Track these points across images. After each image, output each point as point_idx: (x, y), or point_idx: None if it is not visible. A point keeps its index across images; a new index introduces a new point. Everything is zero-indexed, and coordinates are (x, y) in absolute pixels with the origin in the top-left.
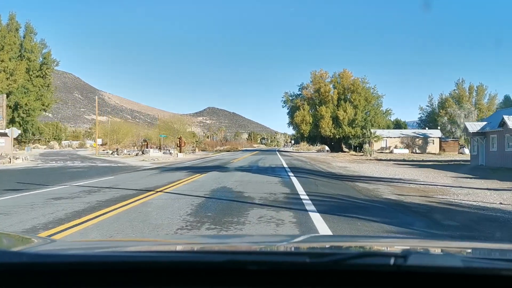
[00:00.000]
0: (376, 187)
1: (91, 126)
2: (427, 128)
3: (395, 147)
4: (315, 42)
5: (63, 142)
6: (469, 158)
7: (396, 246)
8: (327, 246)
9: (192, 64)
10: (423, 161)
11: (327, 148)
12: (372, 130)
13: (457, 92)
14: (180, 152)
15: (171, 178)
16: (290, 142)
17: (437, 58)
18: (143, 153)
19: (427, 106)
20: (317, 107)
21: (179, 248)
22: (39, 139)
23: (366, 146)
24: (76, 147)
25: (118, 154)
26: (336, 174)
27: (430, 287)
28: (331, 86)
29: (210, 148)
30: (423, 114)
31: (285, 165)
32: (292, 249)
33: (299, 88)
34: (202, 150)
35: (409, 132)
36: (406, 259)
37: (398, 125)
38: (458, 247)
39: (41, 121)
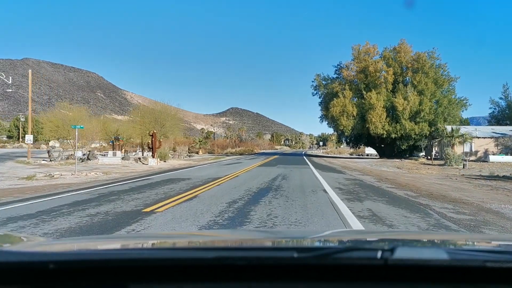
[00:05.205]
0: None
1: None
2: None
3: (486, 152)
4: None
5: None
6: None
7: (384, 239)
8: (318, 240)
9: (216, 64)
10: None
11: (368, 151)
12: (452, 127)
13: None
14: (153, 157)
15: None
16: (317, 144)
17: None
18: (88, 158)
19: (501, 98)
20: (364, 93)
21: (164, 244)
22: None
23: (448, 150)
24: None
25: (51, 160)
26: None
27: (418, 279)
28: (383, 63)
29: (220, 150)
30: (495, 109)
31: None
32: (282, 244)
33: (336, 70)
34: (209, 153)
35: (506, 129)
36: (393, 252)
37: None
38: (445, 240)
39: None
